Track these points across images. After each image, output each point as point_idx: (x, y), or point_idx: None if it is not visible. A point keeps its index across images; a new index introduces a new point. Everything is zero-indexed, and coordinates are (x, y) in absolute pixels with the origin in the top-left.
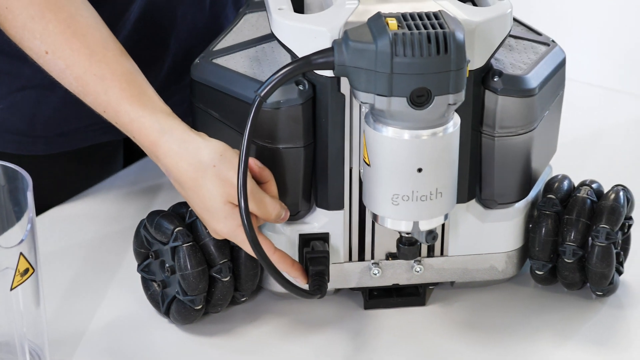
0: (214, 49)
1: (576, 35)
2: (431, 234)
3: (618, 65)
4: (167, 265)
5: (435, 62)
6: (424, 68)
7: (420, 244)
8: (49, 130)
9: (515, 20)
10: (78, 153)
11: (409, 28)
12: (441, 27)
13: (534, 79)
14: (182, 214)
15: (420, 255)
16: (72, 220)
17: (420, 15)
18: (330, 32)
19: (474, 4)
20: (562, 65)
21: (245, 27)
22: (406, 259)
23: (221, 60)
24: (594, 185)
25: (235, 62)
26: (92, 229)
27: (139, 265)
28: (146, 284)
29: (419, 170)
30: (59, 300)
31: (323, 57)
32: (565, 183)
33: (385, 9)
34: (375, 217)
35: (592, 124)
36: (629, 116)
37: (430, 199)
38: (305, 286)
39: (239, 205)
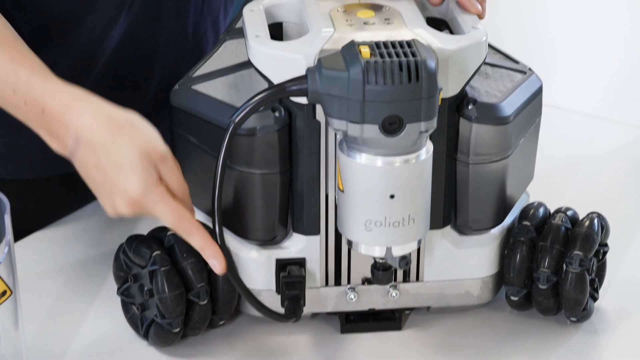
0: (193, 76)
1: (559, 63)
2: (404, 259)
3: (601, 93)
4: (145, 288)
5: (407, 90)
6: (396, 96)
7: (395, 269)
8: (33, 155)
9: (492, 48)
10: (62, 178)
11: (382, 56)
12: (413, 55)
13: (508, 107)
14: (161, 238)
15: (395, 280)
16: (55, 244)
17: (393, 44)
18: (306, 59)
19: (451, 32)
20: (538, 93)
21: (225, 54)
22: (381, 284)
23: (200, 87)
24: (569, 213)
25: (214, 89)
26: (75, 253)
27: (118, 289)
28: (126, 307)
29: (391, 196)
30: (40, 322)
31: (297, 85)
32: (541, 210)
33: (360, 37)
34: (349, 243)
35: (573, 151)
36: (611, 143)
37: (402, 225)
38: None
39: (214, 230)
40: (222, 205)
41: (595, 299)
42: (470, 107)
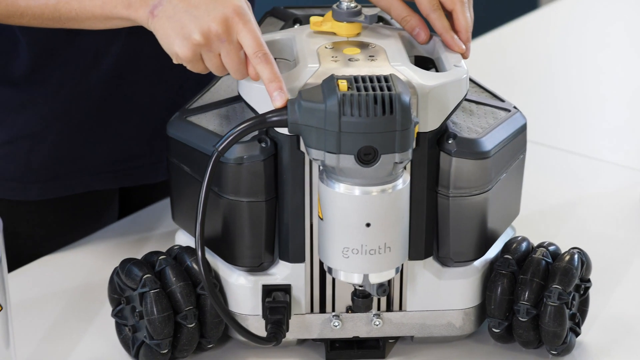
0: (189, 108)
1: (559, 104)
2: (382, 287)
3: (600, 135)
4: (137, 310)
5: (381, 122)
6: (370, 127)
7: (375, 297)
8: (42, 175)
9: (479, 86)
10: (72, 201)
11: (358, 90)
12: (389, 89)
13: (488, 142)
14: (153, 262)
15: (379, 309)
16: (60, 269)
17: (371, 78)
18: (290, 93)
19: (437, 70)
20: (521, 130)
21: (222, 88)
22: (360, 312)
23: (194, 118)
24: (550, 248)
25: (207, 120)
26: (78, 278)
27: (113, 310)
28: (119, 328)
29: (368, 224)
30: (36, 343)
31: (277, 116)
32: (524, 244)
33: (342, 72)
34: (329, 270)
35: (569, 191)
36: (608, 185)
37: (379, 253)
38: None
39: (197, 254)
40: (212, 232)
41: (577, 334)
42: (450, 141)
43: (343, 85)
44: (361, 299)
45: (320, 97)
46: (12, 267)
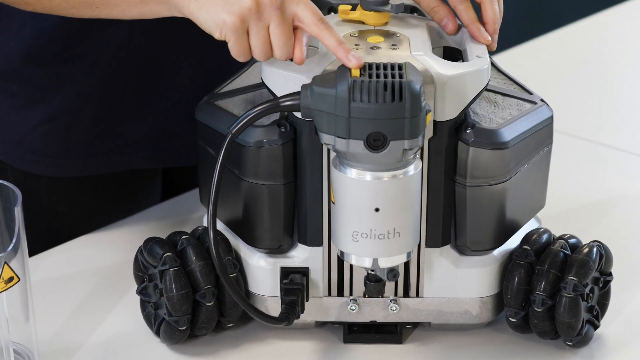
0: (219, 92)
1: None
2: (392, 271)
3: None
4: (158, 287)
5: (390, 109)
6: (379, 114)
7: (387, 282)
8: (82, 152)
9: (509, 78)
10: (112, 180)
11: (370, 76)
12: (400, 77)
13: (507, 133)
14: (175, 242)
15: (395, 294)
16: (97, 248)
17: (385, 66)
18: (308, 79)
19: (463, 61)
20: (547, 123)
21: (252, 73)
22: (372, 296)
23: (221, 102)
24: (571, 240)
25: (233, 105)
26: (113, 257)
27: (137, 288)
28: (143, 305)
29: (377, 209)
30: (66, 317)
31: (290, 100)
32: (545, 236)
33: (364, 59)
34: (341, 254)
35: (615, 188)
36: None
37: (388, 238)
38: None
39: (208, 235)
40: (233, 214)
41: (596, 327)
42: (468, 131)
43: (355, 71)
44: (373, 283)
45: (332, 83)
46: (52, 246)
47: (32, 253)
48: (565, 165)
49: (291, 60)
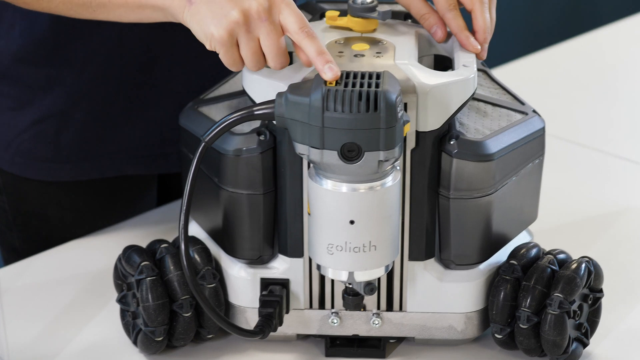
0: (204, 98)
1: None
2: (369, 285)
3: None
4: (136, 296)
5: (365, 119)
6: (354, 124)
7: (367, 295)
8: (73, 156)
9: (503, 88)
10: (104, 186)
11: (345, 85)
12: (376, 86)
13: (493, 145)
14: (154, 250)
15: (378, 308)
16: (86, 253)
17: (362, 74)
18: (287, 86)
19: (453, 69)
20: (538, 134)
21: (239, 79)
22: (350, 309)
23: (205, 109)
24: (560, 256)
25: (217, 111)
26: (101, 263)
27: (117, 296)
28: (123, 314)
29: (351, 222)
30: (49, 322)
31: (265, 109)
32: (534, 251)
33: (343, 67)
34: (318, 267)
35: (620, 201)
36: None
37: (363, 251)
38: None
39: (180, 246)
40: (214, 223)
41: (584, 344)
42: (452, 142)
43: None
44: (351, 297)
45: (307, 92)
46: (40, 250)
47: (21, 257)
48: (566, 174)
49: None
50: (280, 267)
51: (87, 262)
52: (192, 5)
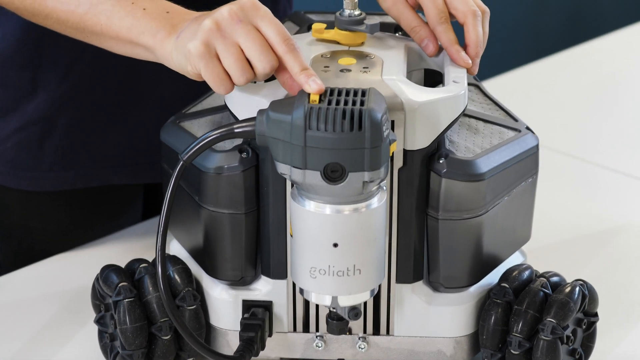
0: (186, 112)
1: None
2: (354, 310)
3: None
4: (114, 318)
5: (349, 138)
6: (337, 143)
7: (351, 320)
8: (56, 165)
9: (495, 104)
10: (89, 196)
11: (329, 103)
12: (361, 104)
13: (484, 164)
14: (133, 270)
15: (365, 332)
16: (68, 269)
17: (347, 91)
18: (270, 102)
19: (443, 84)
20: (531, 152)
21: None
22: (334, 334)
23: (187, 124)
24: (553, 278)
25: (198, 127)
26: (85, 280)
27: (95, 317)
28: (101, 335)
29: (335, 245)
30: (23, 342)
31: (246, 127)
32: (526, 273)
33: (328, 83)
34: (300, 291)
35: (620, 216)
36: None
37: (347, 275)
38: None
39: (156, 269)
40: (195, 243)
41: None
42: (441, 161)
43: (315, 97)
44: (335, 322)
45: (289, 109)
46: (23, 263)
47: (1, 270)
48: (561, 188)
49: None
50: (263, 288)
51: (68, 278)
52: (178, 39)
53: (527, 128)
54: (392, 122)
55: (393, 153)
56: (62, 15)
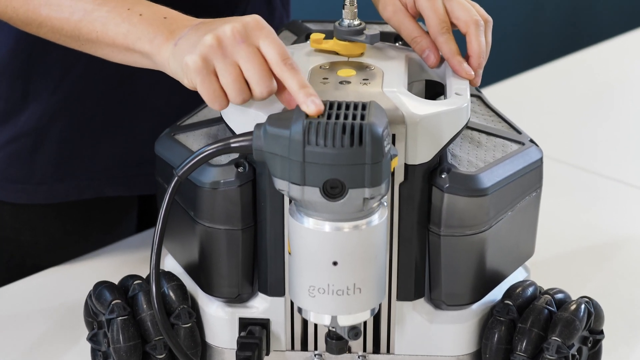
0: (182, 124)
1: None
2: (354, 329)
3: None
4: (107, 336)
5: (349, 154)
6: (337, 159)
7: (351, 340)
8: (48, 176)
9: (498, 115)
10: (81, 208)
11: (329, 117)
12: (362, 118)
13: (487, 179)
14: (126, 287)
15: (364, 350)
16: (60, 284)
17: (347, 105)
18: (267, 115)
19: (445, 96)
20: (535, 165)
21: None
22: (333, 354)
23: (182, 136)
24: (557, 295)
25: (194, 140)
26: (77, 295)
27: (88, 335)
28: (93, 353)
29: (334, 263)
30: (15, 358)
31: (242, 141)
32: (530, 290)
33: (327, 95)
34: (299, 310)
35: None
36: None
37: (347, 294)
38: None
39: (151, 288)
40: (190, 259)
41: None
42: (443, 175)
43: None
44: (334, 341)
45: (287, 123)
46: (14, 278)
47: None
48: (562, 199)
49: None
50: (260, 306)
51: (61, 293)
52: (176, 46)
53: (531, 141)
54: (393, 135)
55: (394, 168)
56: (56, 24)
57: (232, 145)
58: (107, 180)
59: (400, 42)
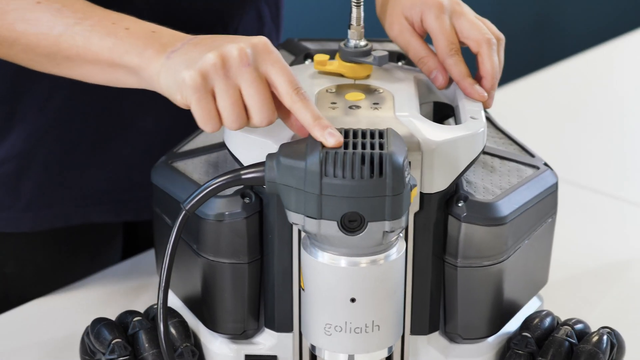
0: (179, 151)
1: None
2: None
3: None
4: None
5: (369, 186)
6: (356, 191)
7: None
8: (34, 203)
9: (509, 138)
10: (66, 236)
11: (345, 146)
12: (381, 147)
13: (505, 207)
14: (126, 324)
15: None
16: (47, 316)
17: (364, 133)
18: (276, 144)
19: (455, 120)
20: (551, 191)
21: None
22: None
23: (180, 164)
24: (577, 326)
25: (193, 167)
26: (65, 328)
27: None
28: None
29: (352, 300)
30: None
31: (254, 172)
32: (547, 320)
33: (338, 122)
34: (312, 347)
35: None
36: None
37: (366, 332)
38: None
39: (157, 328)
40: (192, 294)
41: None
42: (460, 204)
43: None
44: None
45: (302, 154)
46: None
47: None
48: (568, 220)
49: None
50: (267, 342)
51: (48, 326)
52: (169, 59)
53: (545, 164)
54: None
55: None
56: (32, 40)
57: (243, 177)
58: (95, 206)
59: (403, 62)
